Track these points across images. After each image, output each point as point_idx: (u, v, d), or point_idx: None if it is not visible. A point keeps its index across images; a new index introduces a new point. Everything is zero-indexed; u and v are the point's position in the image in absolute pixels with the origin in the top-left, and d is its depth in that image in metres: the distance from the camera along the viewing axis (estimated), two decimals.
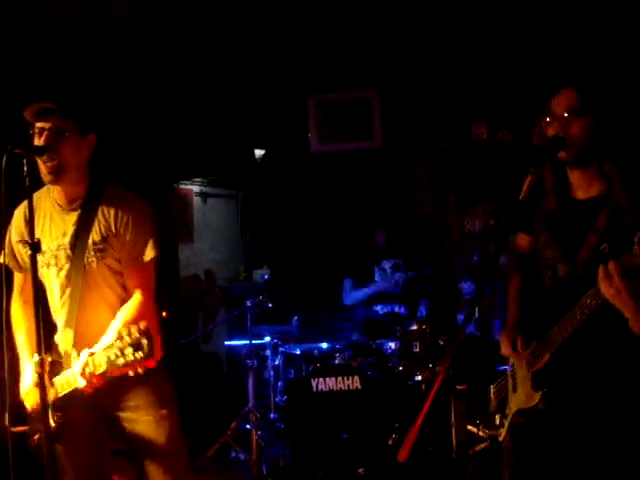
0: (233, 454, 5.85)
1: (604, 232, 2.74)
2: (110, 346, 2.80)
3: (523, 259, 3.22)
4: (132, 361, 2.73)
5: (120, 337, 2.76)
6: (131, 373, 2.77)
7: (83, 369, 2.89)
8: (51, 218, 3.24)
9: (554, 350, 2.84)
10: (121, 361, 2.75)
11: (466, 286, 6.78)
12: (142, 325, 2.73)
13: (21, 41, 5.51)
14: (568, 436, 2.92)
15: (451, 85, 7.12)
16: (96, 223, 3.17)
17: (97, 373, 2.86)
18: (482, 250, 6.55)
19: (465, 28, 6.43)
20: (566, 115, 2.80)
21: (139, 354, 2.71)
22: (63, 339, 3.17)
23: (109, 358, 2.79)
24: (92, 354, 2.88)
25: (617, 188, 2.77)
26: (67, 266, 3.18)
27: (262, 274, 8.24)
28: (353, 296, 6.38)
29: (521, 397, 3.04)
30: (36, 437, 3.06)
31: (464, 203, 7.32)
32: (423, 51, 6.84)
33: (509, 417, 3.12)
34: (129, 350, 2.72)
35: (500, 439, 3.15)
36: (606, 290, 2.50)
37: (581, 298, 2.66)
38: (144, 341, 2.70)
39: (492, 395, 3.27)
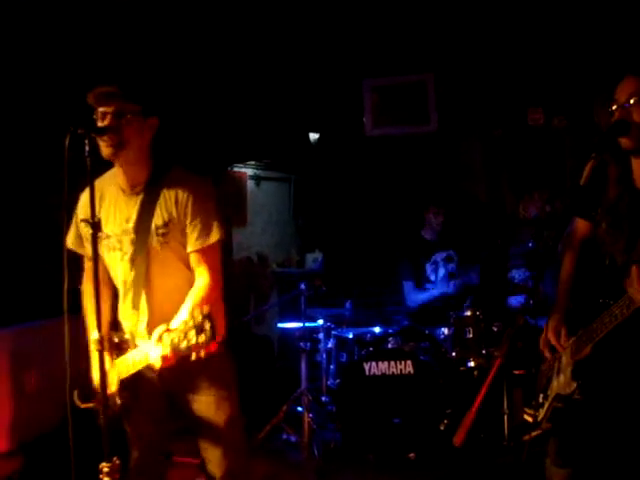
0: (285, 436, 5.88)
1: None
2: (175, 329, 2.81)
3: (581, 245, 3.20)
4: (195, 344, 2.73)
5: (185, 321, 2.77)
6: (193, 357, 2.77)
7: (158, 340, 2.91)
8: (116, 203, 3.26)
9: (595, 343, 2.83)
10: (184, 344, 2.76)
11: (519, 273, 6.72)
12: (205, 309, 2.73)
13: (81, 22, 5.57)
14: (603, 428, 2.92)
15: (507, 70, 7.06)
16: (158, 207, 3.17)
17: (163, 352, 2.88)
18: (537, 237, 6.49)
19: (521, 12, 6.36)
20: (629, 102, 2.76)
21: (202, 337, 2.71)
22: (130, 321, 3.22)
23: (172, 341, 2.81)
24: (168, 330, 2.88)
25: None
26: (131, 250, 3.20)
27: (314, 258, 8.25)
28: (415, 299, 6.36)
29: (561, 382, 3.05)
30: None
31: (519, 189, 7.26)
32: (479, 36, 6.78)
33: (549, 399, 3.12)
34: (192, 333, 2.73)
35: (539, 419, 3.15)
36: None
37: (622, 297, 2.64)
38: (207, 324, 2.70)
39: (540, 373, 3.26)
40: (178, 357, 2.85)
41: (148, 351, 2.96)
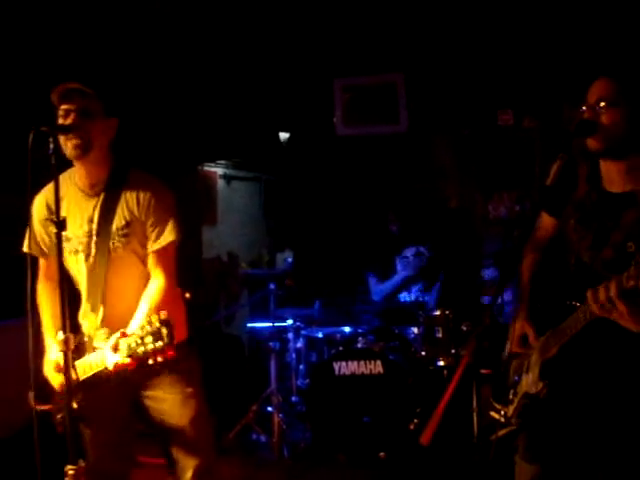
0: (254, 436, 5.88)
1: (631, 230, 2.70)
2: (132, 334, 2.81)
3: (545, 243, 3.21)
4: (152, 350, 2.75)
5: (141, 326, 2.78)
6: (150, 362, 2.79)
7: (113, 348, 2.90)
8: (75, 204, 3.26)
9: (562, 344, 2.84)
10: (141, 349, 2.77)
11: (489, 272, 6.74)
12: (163, 315, 2.76)
13: (45, 22, 5.52)
14: (568, 426, 2.93)
15: (477, 70, 7.06)
16: (119, 209, 3.20)
17: (120, 359, 2.87)
18: (506, 236, 6.51)
19: (492, 12, 6.38)
20: (599, 104, 2.76)
21: (159, 343, 2.73)
22: (88, 323, 3.20)
23: (129, 346, 2.80)
24: (123, 335, 2.87)
25: None
26: (93, 251, 3.20)
27: (285, 257, 8.23)
28: (380, 291, 6.34)
29: (530, 381, 3.05)
30: (59, 415, 3.10)
31: (489, 189, 7.28)
32: (449, 36, 6.79)
33: (518, 395, 3.13)
34: (149, 339, 2.74)
35: (508, 415, 3.16)
36: (602, 313, 2.50)
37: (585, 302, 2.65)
38: (164, 330, 2.73)
39: (511, 370, 3.26)
40: (136, 362, 2.84)
41: (106, 354, 2.95)
